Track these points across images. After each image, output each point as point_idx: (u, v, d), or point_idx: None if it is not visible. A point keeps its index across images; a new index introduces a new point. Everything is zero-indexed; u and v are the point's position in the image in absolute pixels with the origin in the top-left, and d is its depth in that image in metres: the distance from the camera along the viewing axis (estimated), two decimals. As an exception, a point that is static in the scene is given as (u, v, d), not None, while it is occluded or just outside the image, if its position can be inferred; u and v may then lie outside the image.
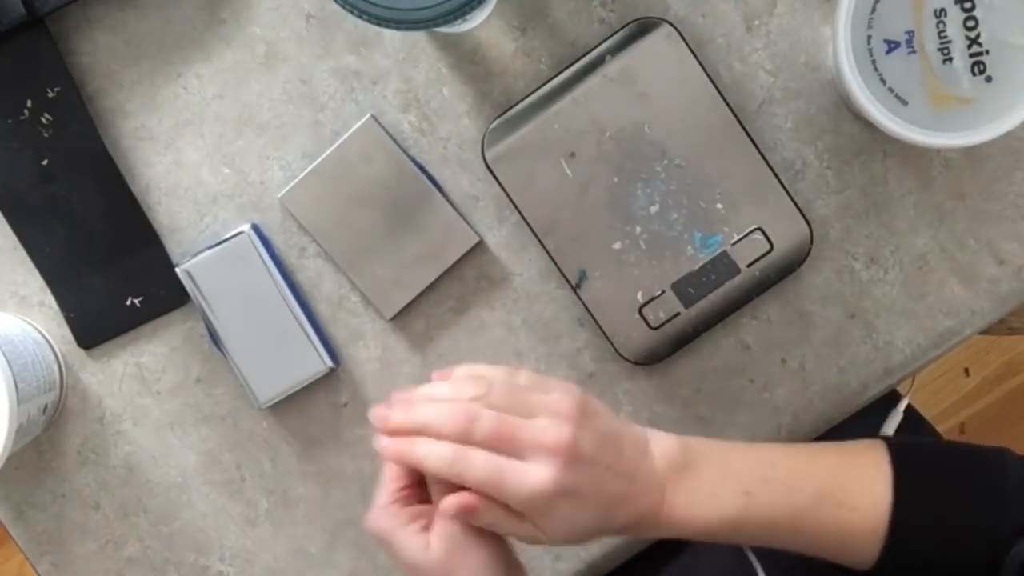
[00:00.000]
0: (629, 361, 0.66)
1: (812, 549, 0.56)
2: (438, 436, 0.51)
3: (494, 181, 0.65)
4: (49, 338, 0.68)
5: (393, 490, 0.54)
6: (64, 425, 0.69)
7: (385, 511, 0.54)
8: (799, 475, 0.55)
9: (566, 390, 0.53)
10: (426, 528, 0.53)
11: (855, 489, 0.55)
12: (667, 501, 0.53)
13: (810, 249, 0.65)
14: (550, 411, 0.52)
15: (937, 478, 0.55)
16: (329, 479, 0.69)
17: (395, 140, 0.66)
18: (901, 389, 0.74)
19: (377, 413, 0.53)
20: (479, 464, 0.50)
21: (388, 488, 0.54)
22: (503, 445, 0.51)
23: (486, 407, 0.51)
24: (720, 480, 0.54)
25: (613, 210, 0.64)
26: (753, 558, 0.67)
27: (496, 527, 0.53)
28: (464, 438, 0.51)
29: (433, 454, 0.51)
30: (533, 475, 0.50)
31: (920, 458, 0.56)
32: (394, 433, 0.52)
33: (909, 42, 0.60)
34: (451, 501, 0.51)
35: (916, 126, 0.60)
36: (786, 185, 0.64)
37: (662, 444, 0.55)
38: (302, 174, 0.66)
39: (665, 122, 0.64)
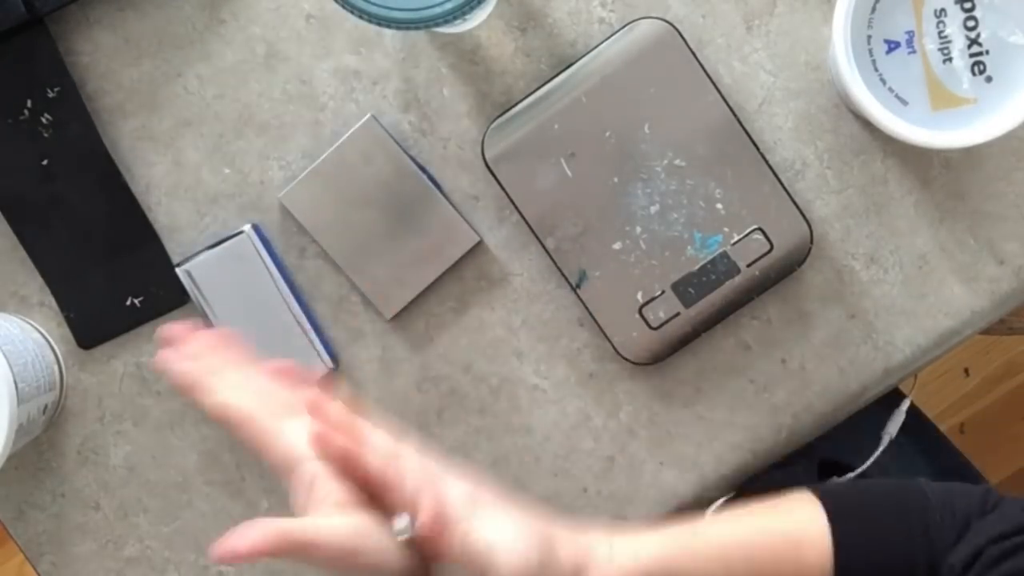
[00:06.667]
0: (629, 361, 0.65)
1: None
2: None
3: (494, 181, 0.65)
4: (49, 338, 0.68)
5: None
6: (64, 425, 0.69)
7: None
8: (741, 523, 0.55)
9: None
10: None
11: (797, 524, 0.54)
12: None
13: (810, 249, 0.65)
14: None
15: (870, 516, 0.55)
16: (329, 479, 0.69)
17: (395, 140, 0.66)
18: (904, 388, 0.74)
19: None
20: None
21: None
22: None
23: None
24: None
25: (613, 210, 0.64)
26: None
27: None
28: None
29: None
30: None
31: (849, 499, 0.56)
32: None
33: (909, 42, 0.60)
34: None
35: (916, 126, 0.60)
36: (786, 185, 0.64)
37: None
38: (302, 174, 0.66)
39: (665, 122, 0.64)
